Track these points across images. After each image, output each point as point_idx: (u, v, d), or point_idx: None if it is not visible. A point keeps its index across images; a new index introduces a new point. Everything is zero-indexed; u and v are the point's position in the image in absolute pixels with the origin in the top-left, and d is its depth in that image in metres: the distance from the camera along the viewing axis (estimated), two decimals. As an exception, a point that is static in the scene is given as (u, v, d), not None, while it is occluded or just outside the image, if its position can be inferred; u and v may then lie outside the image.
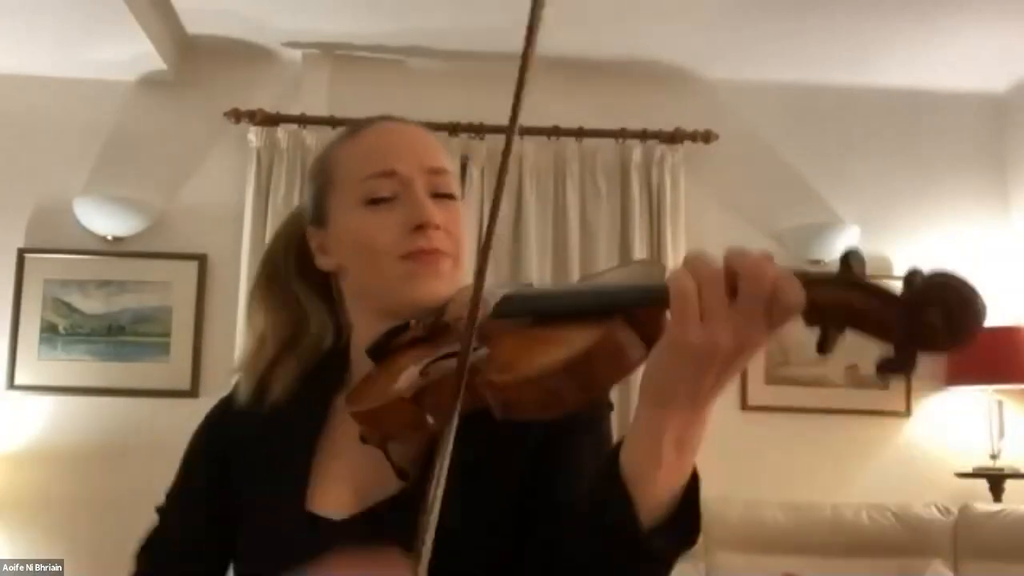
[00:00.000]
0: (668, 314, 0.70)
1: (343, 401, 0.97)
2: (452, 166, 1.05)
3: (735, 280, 0.67)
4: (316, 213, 1.05)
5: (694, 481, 0.79)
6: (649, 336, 0.74)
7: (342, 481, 0.96)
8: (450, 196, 1.01)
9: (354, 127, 1.07)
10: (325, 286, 1.08)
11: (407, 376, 0.85)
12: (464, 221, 1.02)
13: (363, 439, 0.89)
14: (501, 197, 0.87)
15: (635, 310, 0.73)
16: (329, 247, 1.03)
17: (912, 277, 0.66)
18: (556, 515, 0.87)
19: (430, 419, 0.83)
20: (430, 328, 0.93)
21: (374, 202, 0.98)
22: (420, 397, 0.83)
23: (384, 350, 0.95)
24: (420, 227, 0.96)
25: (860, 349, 2.76)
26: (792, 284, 0.66)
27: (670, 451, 0.74)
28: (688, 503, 0.79)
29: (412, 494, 0.88)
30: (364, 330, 1.02)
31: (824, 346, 0.67)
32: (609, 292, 0.79)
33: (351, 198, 0.99)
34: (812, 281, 0.67)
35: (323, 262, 1.04)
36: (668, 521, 0.77)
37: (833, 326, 0.67)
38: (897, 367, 0.64)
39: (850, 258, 0.68)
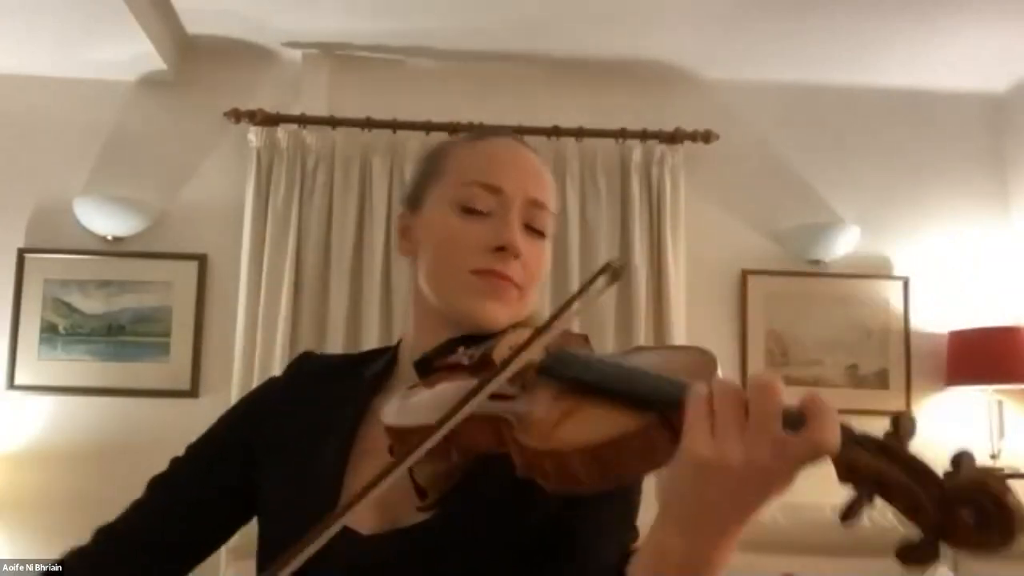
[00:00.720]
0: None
1: (381, 404, 0.96)
2: (555, 206, 1.05)
3: (749, 400, 0.65)
4: (412, 197, 1.06)
5: None
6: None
7: (369, 509, 0.94)
8: (541, 233, 1.01)
9: (480, 132, 1.07)
10: None
11: (439, 405, 0.84)
12: (545, 261, 1.03)
13: (391, 450, 0.88)
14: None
15: (671, 411, 0.70)
16: (413, 233, 1.04)
17: (958, 462, 0.64)
18: None
19: (455, 455, 0.83)
20: (477, 361, 0.92)
21: (469, 210, 0.98)
22: (452, 431, 0.81)
23: (430, 366, 0.95)
24: (501, 249, 0.96)
25: (860, 349, 2.78)
26: (832, 423, 0.63)
27: (673, 572, 0.70)
28: None
29: (434, 524, 0.90)
30: (417, 331, 1.03)
31: (848, 513, 0.64)
32: (652, 384, 0.75)
33: (450, 196, 1.00)
34: (855, 438, 0.64)
35: (403, 246, 1.06)
36: None
37: (864, 493, 0.64)
38: (918, 557, 0.62)
39: (901, 419, 0.65)
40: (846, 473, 0.64)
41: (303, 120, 3.59)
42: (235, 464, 1.05)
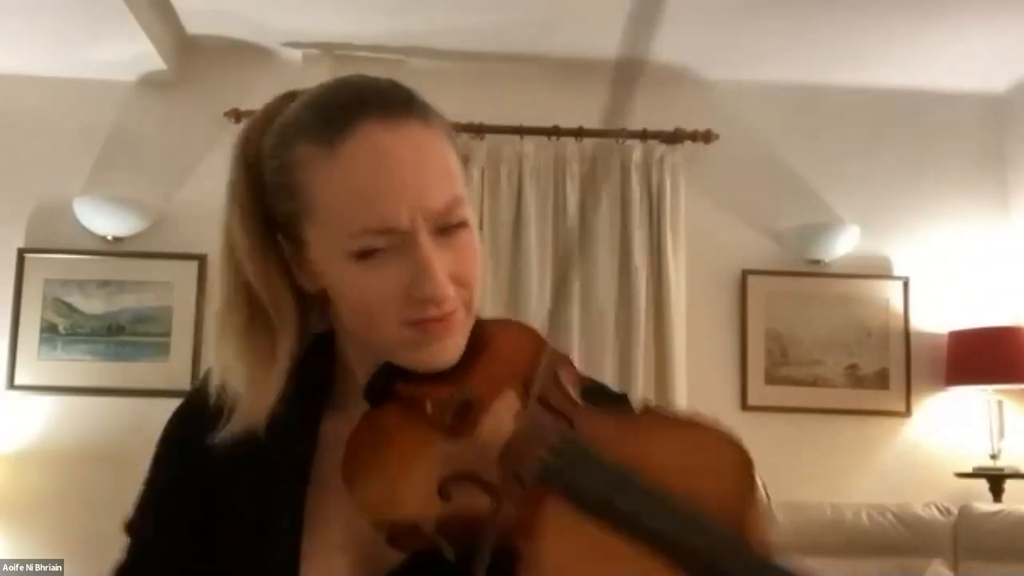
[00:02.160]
0: None
1: (331, 427, 0.86)
2: (460, 178, 0.85)
3: None
4: (287, 226, 0.88)
5: None
6: None
7: (340, 552, 0.83)
8: (460, 225, 0.82)
9: (329, 125, 0.84)
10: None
11: (423, 493, 0.72)
12: (477, 251, 0.85)
13: (390, 542, 0.75)
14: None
15: None
16: (309, 270, 0.86)
17: None
18: None
19: (449, 552, 0.71)
20: (452, 418, 0.78)
21: (367, 255, 0.79)
22: (441, 526, 0.71)
23: (383, 394, 0.83)
24: (428, 300, 0.79)
25: (860, 349, 2.79)
26: None
27: None
28: None
29: (419, 563, 0.78)
30: (358, 353, 0.89)
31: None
32: (710, 538, 0.64)
33: (336, 244, 0.81)
34: None
35: (303, 282, 0.88)
36: None
37: None
38: None
39: None
40: None
41: (303, 120, 3.58)
42: (195, 538, 0.91)
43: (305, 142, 0.84)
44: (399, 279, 0.79)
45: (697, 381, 3.57)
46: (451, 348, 0.83)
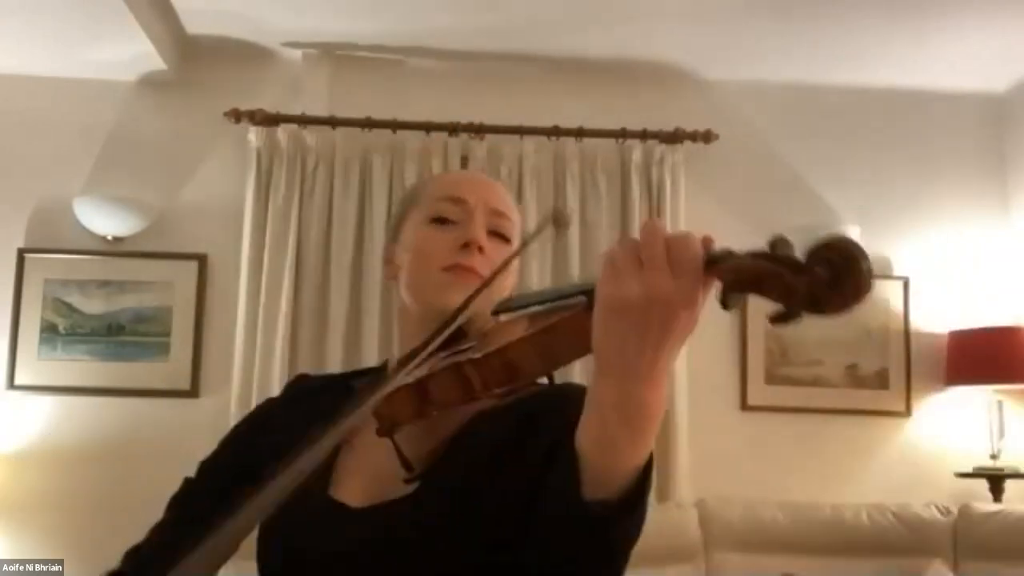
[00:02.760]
0: None
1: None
2: (517, 219, 1.19)
3: (636, 240, 0.75)
4: (394, 228, 1.20)
5: (648, 465, 0.81)
6: None
7: (359, 474, 1.06)
8: (504, 238, 1.14)
9: (448, 171, 1.31)
10: None
11: (414, 371, 0.92)
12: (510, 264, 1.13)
13: (378, 431, 0.95)
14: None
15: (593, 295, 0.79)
16: (395, 256, 1.17)
17: (777, 243, 0.75)
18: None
19: (432, 409, 0.92)
20: (448, 338, 0.99)
21: (440, 221, 1.12)
22: (423, 384, 0.91)
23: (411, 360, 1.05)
24: (466, 245, 1.09)
25: (860, 349, 2.78)
26: (684, 240, 0.74)
27: (614, 421, 0.76)
28: (638, 485, 0.80)
29: (419, 497, 0.99)
30: (402, 344, 1.13)
31: (725, 302, 0.77)
32: (578, 283, 0.86)
33: (424, 214, 1.14)
34: (718, 252, 0.76)
35: (386, 271, 1.20)
36: (617, 500, 0.78)
37: (734, 287, 0.76)
38: (785, 318, 0.70)
39: (776, 242, 0.75)
40: (731, 281, 0.76)
41: (303, 120, 3.59)
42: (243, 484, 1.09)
43: (427, 177, 1.29)
44: (453, 237, 1.11)
45: (697, 381, 3.57)
46: (463, 295, 1.05)
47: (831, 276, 0.69)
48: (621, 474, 0.78)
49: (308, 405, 1.13)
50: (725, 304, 0.77)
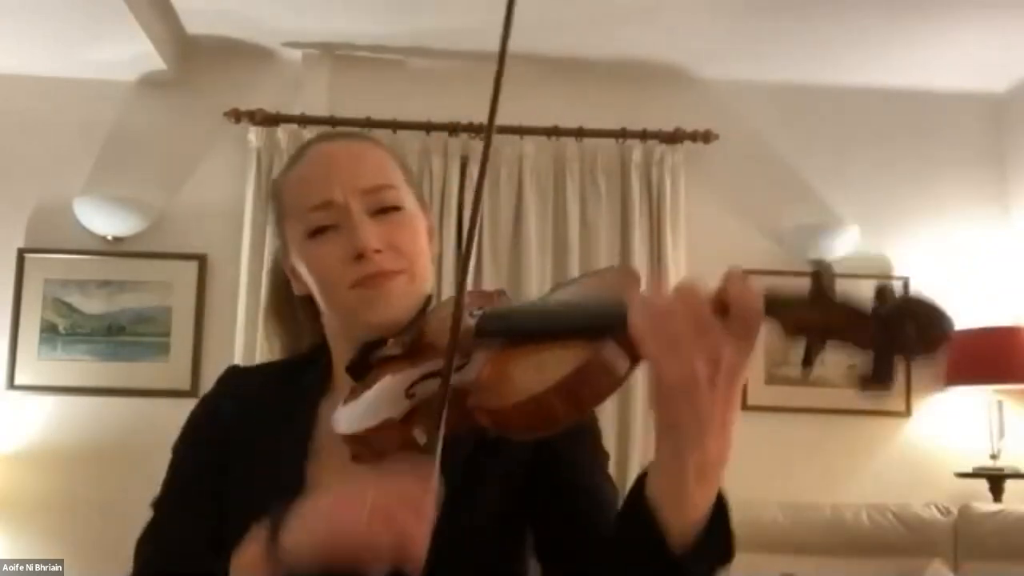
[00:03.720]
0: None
1: (327, 409, 1.00)
2: (395, 176, 1.05)
3: (682, 306, 0.71)
4: (281, 241, 1.09)
5: (721, 500, 0.79)
6: (633, 349, 0.75)
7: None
8: (395, 208, 1.02)
9: (296, 154, 1.08)
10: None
11: (393, 398, 0.87)
12: (415, 230, 1.03)
13: (355, 458, 0.89)
14: (477, 217, 0.94)
15: (617, 330, 0.74)
16: (297, 274, 1.06)
17: (883, 292, 0.72)
18: (582, 545, 0.90)
19: (419, 438, 0.84)
20: (408, 346, 0.94)
21: (317, 232, 1.00)
22: (410, 418, 0.84)
23: (363, 368, 0.97)
24: (359, 256, 0.98)
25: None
26: (741, 296, 0.70)
27: (692, 481, 0.75)
28: (718, 521, 0.79)
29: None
30: (341, 346, 1.05)
31: (806, 360, 0.73)
32: (590, 311, 0.80)
33: (298, 230, 1.02)
34: (783, 300, 0.72)
35: (296, 287, 1.08)
36: (699, 543, 0.77)
37: (814, 341, 0.72)
38: (878, 379, 0.70)
39: (820, 274, 0.72)
40: (792, 331, 0.73)
41: (303, 120, 3.59)
42: (212, 500, 1.04)
43: (280, 175, 1.09)
44: (342, 247, 0.98)
45: (697, 381, 3.57)
46: (394, 308, 0.99)
47: (919, 327, 0.70)
48: (699, 518, 0.77)
49: (257, 404, 1.07)
50: (808, 363, 0.74)
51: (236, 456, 1.04)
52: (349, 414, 0.91)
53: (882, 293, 0.71)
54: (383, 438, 0.85)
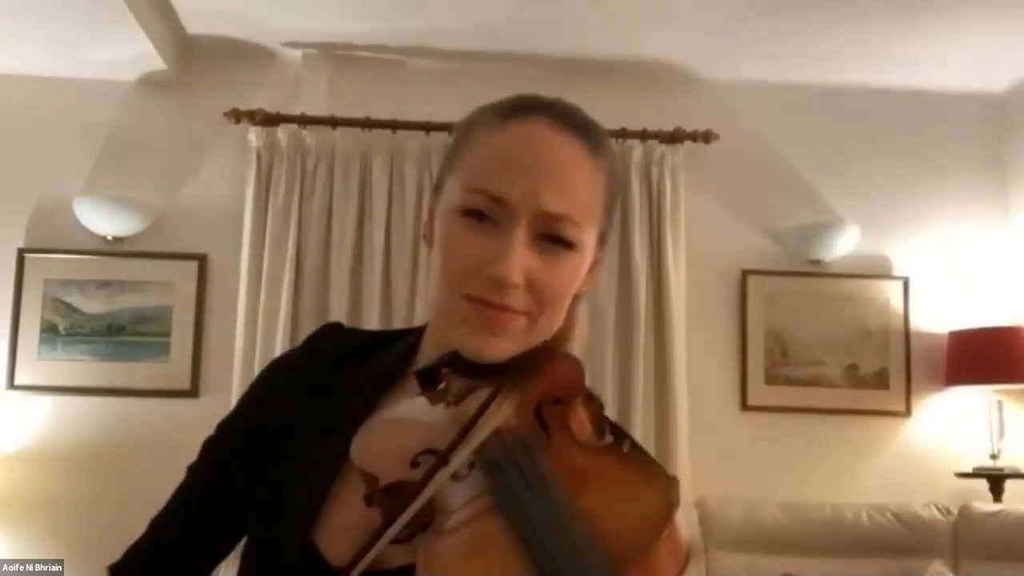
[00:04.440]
0: None
1: (389, 401, 0.93)
2: (590, 208, 0.89)
3: None
4: (437, 181, 0.95)
5: None
6: None
7: (351, 523, 0.86)
8: (565, 245, 0.86)
9: (514, 109, 0.90)
10: None
11: (400, 457, 0.80)
12: (572, 275, 0.89)
13: (365, 498, 0.83)
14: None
15: None
16: (433, 222, 0.93)
17: None
18: None
19: (377, 517, 0.78)
20: (453, 399, 0.84)
21: (473, 215, 0.85)
22: (392, 489, 0.78)
23: (432, 379, 0.88)
24: (494, 279, 0.83)
25: (860, 349, 2.79)
26: None
27: None
28: None
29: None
30: (433, 332, 0.96)
31: None
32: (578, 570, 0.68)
33: (457, 195, 0.87)
34: None
35: (427, 231, 0.95)
36: None
37: None
38: None
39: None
40: None
41: (303, 120, 3.59)
42: (247, 459, 1.00)
43: (486, 115, 0.92)
44: (482, 250, 0.84)
45: (697, 381, 3.57)
46: (496, 346, 0.86)
47: None
48: None
49: (327, 377, 0.99)
50: None
51: (281, 428, 0.98)
52: (366, 437, 0.85)
53: None
54: (368, 485, 0.80)
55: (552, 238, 0.85)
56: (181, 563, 1.02)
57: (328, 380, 0.99)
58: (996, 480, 3.48)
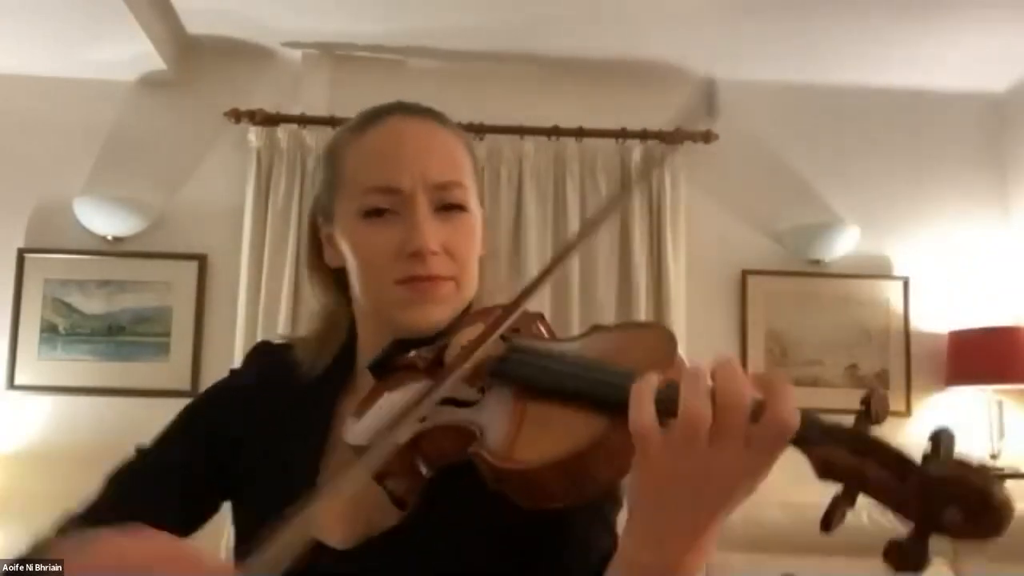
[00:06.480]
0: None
1: (347, 404, 0.97)
2: (465, 170, 0.98)
3: (720, 411, 0.63)
4: (325, 206, 1.01)
5: None
6: None
7: (345, 510, 0.92)
8: (459, 208, 0.96)
9: (365, 119, 1.00)
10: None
11: (404, 420, 0.82)
12: (473, 234, 0.97)
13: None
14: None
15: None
16: (335, 242, 1.00)
17: (937, 443, 0.62)
18: None
19: (423, 469, 0.81)
20: (430, 362, 0.90)
21: (373, 214, 0.94)
22: (416, 442, 0.80)
23: (385, 368, 0.94)
24: (415, 254, 0.92)
25: (860, 349, 2.79)
26: (775, 410, 0.64)
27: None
28: None
29: (410, 526, 0.87)
30: (369, 334, 1.01)
31: (827, 520, 0.62)
32: (611, 381, 0.71)
33: (352, 205, 0.95)
34: (823, 429, 0.65)
35: (329, 256, 1.02)
36: None
37: (845, 491, 0.63)
38: (908, 558, 0.59)
39: (872, 402, 0.66)
40: (823, 470, 0.63)
41: (303, 120, 3.59)
42: (206, 455, 1.04)
43: (345, 136, 1.01)
44: (397, 237, 0.92)
45: (697, 381, 3.57)
46: (434, 313, 0.94)
47: (966, 518, 0.58)
48: None
49: (279, 389, 1.03)
50: (827, 526, 0.62)
51: (250, 440, 1.01)
52: (360, 425, 0.88)
53: (936, 443, 0.62)
54: (386, 459, 0.81)
55: (448, 206, 0.95)
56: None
57: (278, 393, 1.03)
58: (996, 480, 3.48)
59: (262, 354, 1.12)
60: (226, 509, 1.06)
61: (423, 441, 0.80)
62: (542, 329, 0.94)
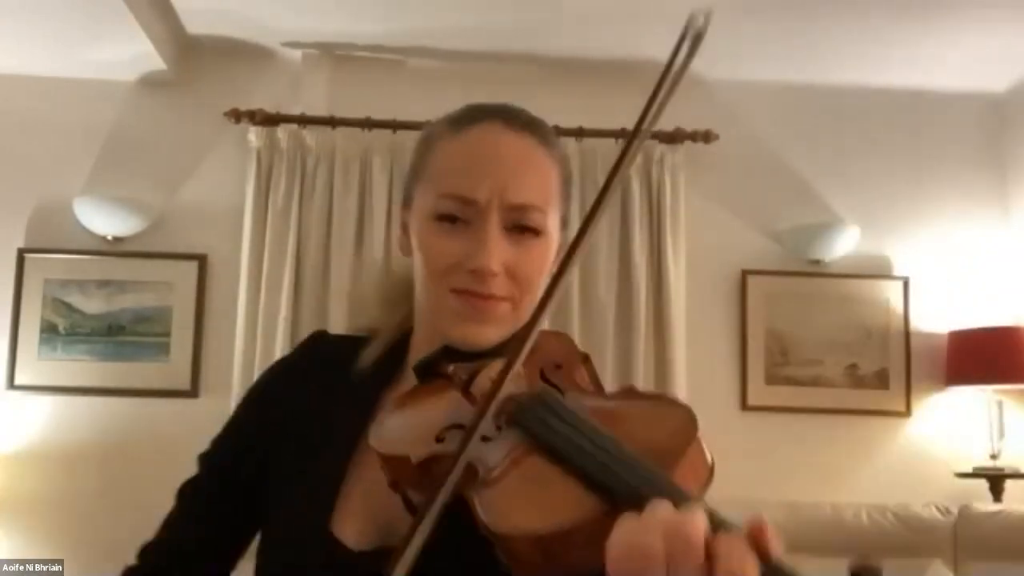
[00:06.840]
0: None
1: (389, 399, 0.97)
2: (549, 195, 0.96)
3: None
4: (406, 193, 1.02)
5: None
6: None
7: (365, 511, 0.93)
8: (533, 232, 0.94)
9: (467, 117, 0.98)
10: None
11: (425, 436, 0.82)
12: (542, 259, 0.96)
13: (391, 485, 0.86)
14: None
15: (630, 506, 0.66)
16: (408, 231, 1.01)
17: None
18: None
19: (420, 492, 0.80)
20: (465, 382, 0.89)
21: (446, 218, 0.93)
22: (426, 464, 0.80)
23: (429, 372, 0.93)
24: (476, 271, 0.91)
25: (860, 349, 2.80)
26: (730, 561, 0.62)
27: None
28: None
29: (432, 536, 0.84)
30: (424, 332, 1.01)
31: None
32: (622, 475, 0.69)
33: (428, 202, 0.95)
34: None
35: (402, 242, 1.03)
36: None
37: None
38: None
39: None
40: None
41: (303, 120, 3.59)
42: (253, 459, 1.04)
43: (442, 128, 1.00)
44: (461, 247, 0.92)
45: (697, 381, 3.58)
46: (485, 333, 0.93)
47: None
48: None
49: (324, 381, 1.03)
50: None
51: (284, 431, 1.01)
52: (386, 425, 0.88)
53: None
54: (397, 469, 0.81)
55: (521, 228, 0.93)
56: (200, 565, 1.04)
57: (327, 382, 1.03)
58: (996, 480, 3.48)
59: (318, 341, 1.12)
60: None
61: (434, 464, 0.80)
62: (585, 375, 0.92)
